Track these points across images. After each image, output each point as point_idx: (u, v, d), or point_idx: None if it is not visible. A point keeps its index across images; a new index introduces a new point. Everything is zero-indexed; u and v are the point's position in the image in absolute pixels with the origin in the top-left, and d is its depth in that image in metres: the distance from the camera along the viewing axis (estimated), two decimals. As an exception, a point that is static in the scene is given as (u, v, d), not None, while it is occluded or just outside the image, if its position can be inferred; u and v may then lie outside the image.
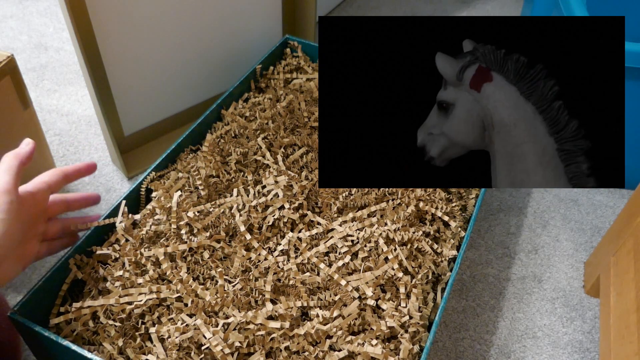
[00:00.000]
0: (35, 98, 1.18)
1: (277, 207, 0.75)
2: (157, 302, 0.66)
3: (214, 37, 1.05)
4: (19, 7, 1.45)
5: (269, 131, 0.88)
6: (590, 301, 0.91)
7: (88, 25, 0.85)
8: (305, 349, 0.62)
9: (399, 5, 1.59)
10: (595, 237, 1.00)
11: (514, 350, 0.83)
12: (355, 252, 0.72)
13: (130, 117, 1.02)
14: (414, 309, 0.66)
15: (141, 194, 0.78)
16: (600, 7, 1.15)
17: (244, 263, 0.70)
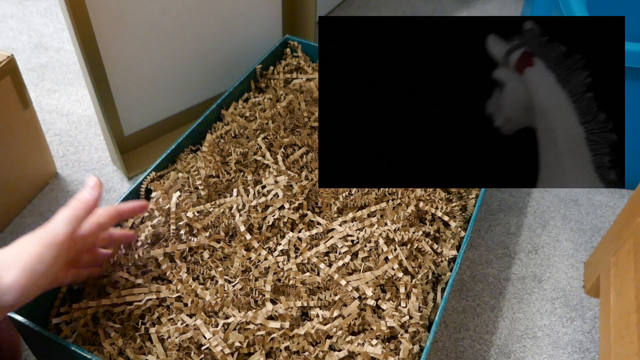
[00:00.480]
0: (35, 98, 1.18)
1: (277, 207, 0.75)
2: (156, 303, 0.66)
3: (214, 37, 1.05)
4: (19, 7, 1.45)
5: (269, 131, 0.88)
6: (590, 301, 0.90)
7: (88, 25, 0.85)
8: (305, 349, 0.62)
9: (399, 5, 1.59)
10: (595, 237, 1.00)
11: (514, 350, 0.83)
12: (355, 252, 0.72)
13: (130, 117, 1.02)
14: (414, 309, 0.65)
15: (141, 194, 0.78)
16: (600, 7, 1.15)
17: (244, 263, 0.70)
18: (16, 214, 0.95)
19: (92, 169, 1.05)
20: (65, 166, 1.05)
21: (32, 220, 0.95)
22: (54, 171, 1.03)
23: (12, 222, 0.95)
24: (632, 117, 0.95)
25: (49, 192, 1.00)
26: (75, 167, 1.05)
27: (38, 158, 0.97)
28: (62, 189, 1.01)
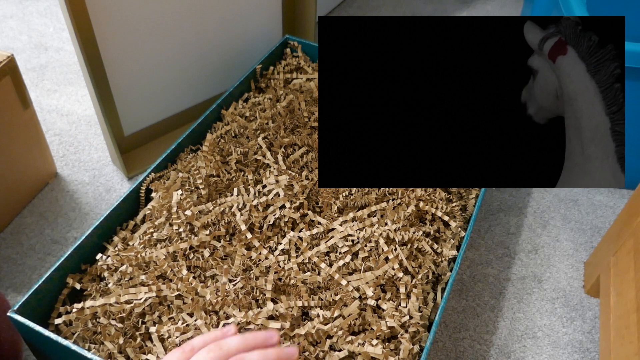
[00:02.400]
0: (35, 98, 1.18)
1: (278, 207, 0.75)
2: (157, 301, 0.66)
3: (214, 37, 1.05)
4: (19, 7, 1.45)
5: (269, 131, 0.88)
6: (590, 301, 0.91)
7: (88, 25, 0.85)
8: (306, 349, 0.62)
9: (399, 5, 1.59)
10: (595, 237, 1.00)
11: (514, 350, 0.83)
12: (355, 251, 0.72)
13: (130, 117, 1.02)
14: (414, 309, 0.66)
15: (141, 194, 0.78)
16: (600, 7, 1.15)
17: (245, 262, 0.70)
18: (16, 214, 0.95)
19: (92, 169, 1.05)
20: (65, 166, 1.05)
21: (32, 220, 0.95)
22: (54, 171, 1.02)
23: (12, 222, 0.95)
24: (632, 117, 0.95)
25: (49, 192, 1.00)
26: (75, 167, 1.05)
27: (38, 158, 0.97)
28: (62, 189, 1.01)
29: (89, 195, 1.00)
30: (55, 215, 0.95)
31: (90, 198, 1.00)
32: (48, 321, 0.66)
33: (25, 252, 0.91)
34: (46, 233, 0.93)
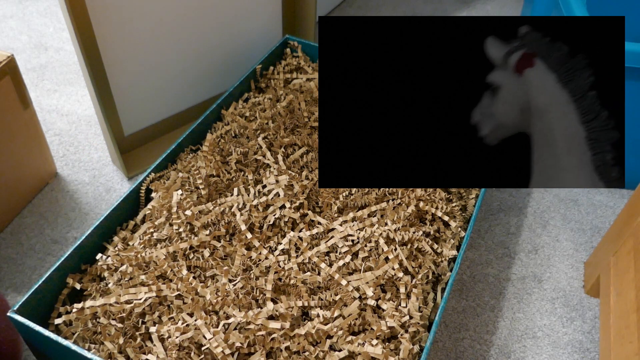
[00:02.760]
0: (35, 98, 1.18)
1: (278, 207, 0.75)
2: (157, 301, 0.66)
3: (214, 37, 1.05)
4: (19, 7, 1.45)
5: (269, 131, 0.88)
6: (590, 301, 0.91)
7: (88, 25, 0.85)
8: (306, 349, 0.62)
9: (399, 5, 1.59)
10: (595, 237, 1.00)
11: (514, 350, 0.83)
12: (355, 251, 0.72)
13: (130, 117, 1.02)
14: (414, 309, 0.66)
15: (141, 194, 0.78)
16: (600, 7, 1.15)
17: (245, 262, 0.70)
18: (16, 214, 0.95)
19: (92, 169, 1.05)
20: (65, 166, 1.05)
21: (32, 220, 0.95)
22: (54, 171, 1.02)
23: (12, 222, 0.95)
24: (632, 117, 0.95)
25: (49, 192, 1.00)
26: (75, 167, 1.05)
27: (38, 158, 0.97)
28: (62, 189, 1.01)
29: (89, 195, 1.00)
30: (55, 215, 0.95)
31: (90, 198, 1.00)
32: (48, 321, 0.66)
33: (25, 252, 0.91)
34: (46, 233, 0.93)
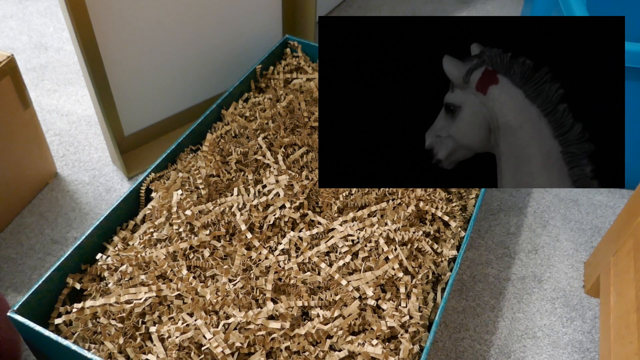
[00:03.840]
0: (35, 98, 1.18)
1: (278, 207, 0.75)
2: (157, 301, 0.66)
3: (214, 37, 1.05)
4: (19, 7, 1.45)
5: (269, 131, 0.88)
6: (590, 301, 0.91)
7: (88, 25, 0.85)
8: (306, 349, 0.62)
9: (399, 5, 1.59)
10: (595, 237, 1.00)
11: (514, 350, 0.83)
12: (355, 251, 0.72)
13: (130, 117, 1.02)
14: (414, 309, 0.66)
15: (141, 194, 0.78)
16: (600, 7, 1.15)
17: (245, 262, 0.70)
18: (16, 214, 0.95)
19: (92, 169, 1.05)
20: (65, 166, 1.05)
21: (32, 220, 0.95)
22: (54, 171, 1.03)
23: (12, 222, 0.95)
24: (632, 117, 0.95)
25: (49, 192, 1.00)
26: (75, 167, 1.05)
27: (38, 158, 0.97)
28: (62, 189, 1.01)
29: (89, 195, 1.00)
30: (55, 215, 0.95)
31: (90, 198, 1.00)
32: (48, 321, 0.66)
33: (25, 252, 0.91)
34: (46, 233, 0.93)
